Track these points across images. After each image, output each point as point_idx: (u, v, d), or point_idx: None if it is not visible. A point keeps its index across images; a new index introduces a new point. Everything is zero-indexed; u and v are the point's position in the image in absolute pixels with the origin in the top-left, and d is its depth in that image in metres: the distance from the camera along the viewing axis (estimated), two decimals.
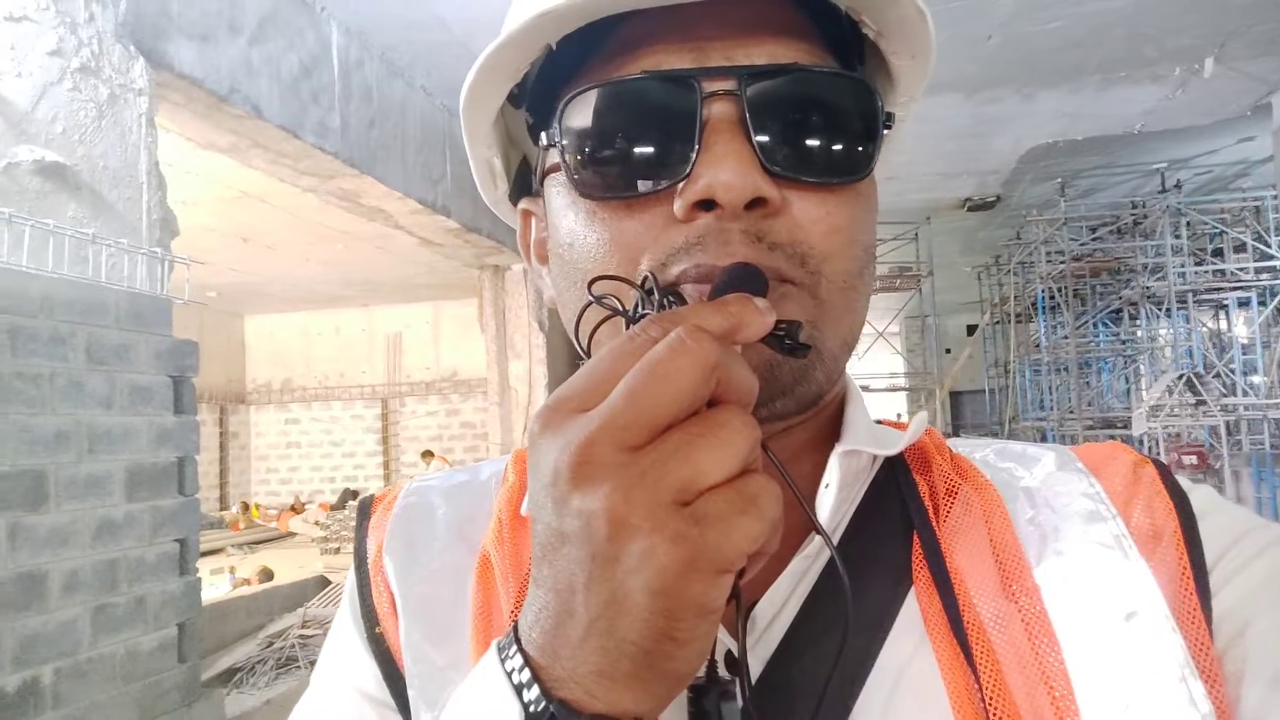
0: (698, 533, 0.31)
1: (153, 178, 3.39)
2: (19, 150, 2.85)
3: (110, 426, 3.05)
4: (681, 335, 0.33)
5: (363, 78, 5.10)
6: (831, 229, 0.47)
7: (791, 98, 0.46)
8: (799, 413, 0.50)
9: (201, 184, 6.90)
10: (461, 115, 0.54)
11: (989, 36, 5.39)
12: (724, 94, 0.45)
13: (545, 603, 0.34)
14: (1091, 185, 9.74)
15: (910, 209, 9.91)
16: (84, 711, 2.89)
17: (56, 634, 2.83)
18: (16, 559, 2.71)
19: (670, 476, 0.32)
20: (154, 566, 3.21)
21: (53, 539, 2.83)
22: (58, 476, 2.86)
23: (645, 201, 0.47)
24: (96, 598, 2.98)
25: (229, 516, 12.11)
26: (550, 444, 0.34)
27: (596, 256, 0.48)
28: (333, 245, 9.41)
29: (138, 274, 3.21)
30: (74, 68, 3.05)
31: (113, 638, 3.02)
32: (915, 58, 0.51)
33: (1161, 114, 6.91)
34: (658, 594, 0.31)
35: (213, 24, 3.84)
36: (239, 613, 6.29)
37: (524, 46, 0.48)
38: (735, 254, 0.45)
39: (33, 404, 2.78)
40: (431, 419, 13.59)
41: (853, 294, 0.50)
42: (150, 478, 3.21)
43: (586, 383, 0.35)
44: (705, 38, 0.47)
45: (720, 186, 0.44)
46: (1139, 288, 10.64)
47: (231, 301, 12.69)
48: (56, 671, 2.81)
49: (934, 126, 6.94)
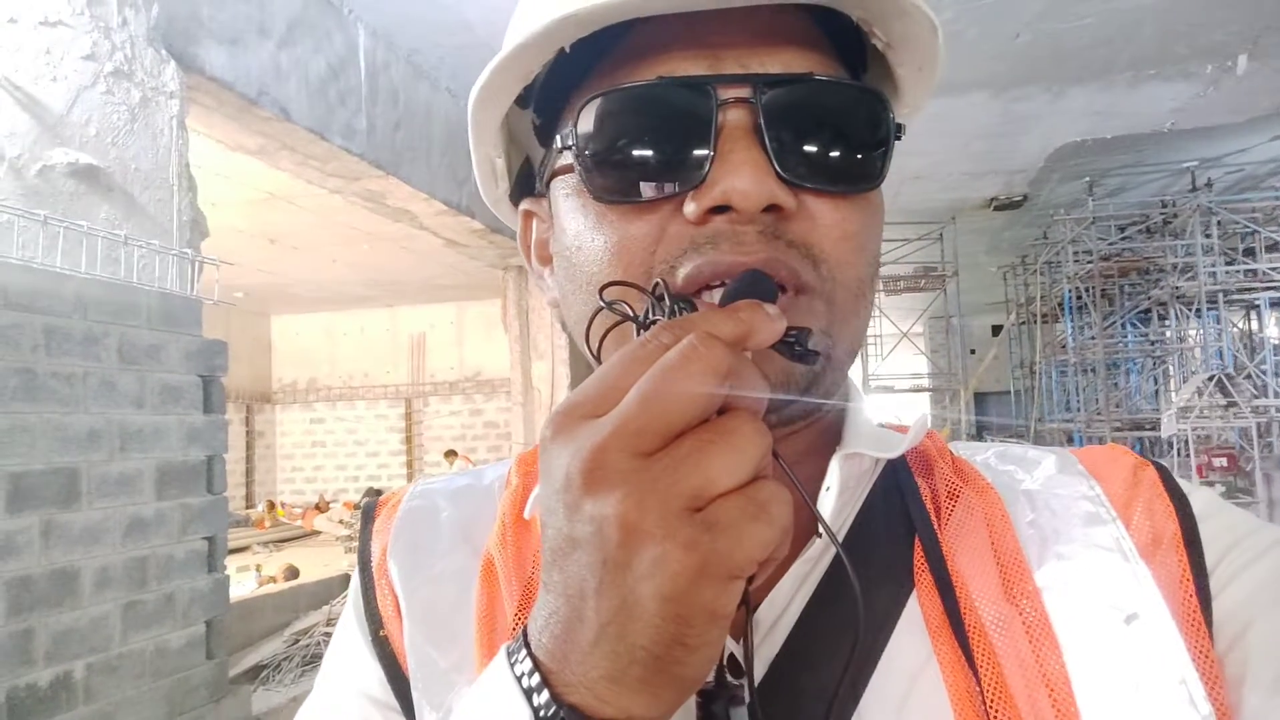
0: (709, 539, 0.31)
1: (183, 179, 3.42)
2: (54, 153, 2.89)
3: (141, 425, 3.09)
4: (694, 342, 0.33)
5: (389, 80, 5.13)
6: (844, 235, 0.48)
7: (806, 107, 0.47)
8: (805, 418, 0.51)
9: (230, 186, 6.97)
10: (470, 114, 0.55)
11: (1017, 35, 5.34)
12: (739, 101, 0.46)
13: (555, 607, 0.35)
14: (1120, 184, 9.62)
15: (936, 209, 9.84)
16: (114, 707, 2.93)
17: (88, 630, 2.87)
18: (50, 556, 2.75)
19: (682, 483, 0.32)
20: (183, 564, 3.25)
21: (85, 536, 2.87)
22: (90, 475, 2.90)
23: (656, 205, 0.48)
24: (127, 594, 3.01)
25: (254, 515, 12.22)
26: (562, 449, 0.34)
27: (604, 259, 0.49)
28: (358, 246, 9.47)
29: (169, 275, 3.25)
30: (107, 71, 3.09)
31: (143, 634, 3.06)
32: (922, 69, 0.52)
33: (1192, 111, 6.81)
34: (669, 600, 0.31)
35: (242, 27, 3.88)
36: (265, 610, 6.35)
37: (541, 49, 0.48)
38: (751, 251, 0.45)
39: (66, 403, 2.82)
40: (455, 419, 13.65)
41: (862, 300, 0.50)
42: (180, 476, 3.25)
43: (598, 389, 0.35)
44: (720, 45, 0.48)
45: (737, 193, 0.44)
46: (1168, 288, 10.51)
47: (258, 302, 12.82)
48: (88, 667, 2.85)
49: (961, 125, 6.88)
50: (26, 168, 2.81)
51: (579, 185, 0.50)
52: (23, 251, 2.71)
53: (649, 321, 0.42)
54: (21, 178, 2.79)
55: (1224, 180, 9.56)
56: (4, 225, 2.68)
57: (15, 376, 2.65)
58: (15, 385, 2.65)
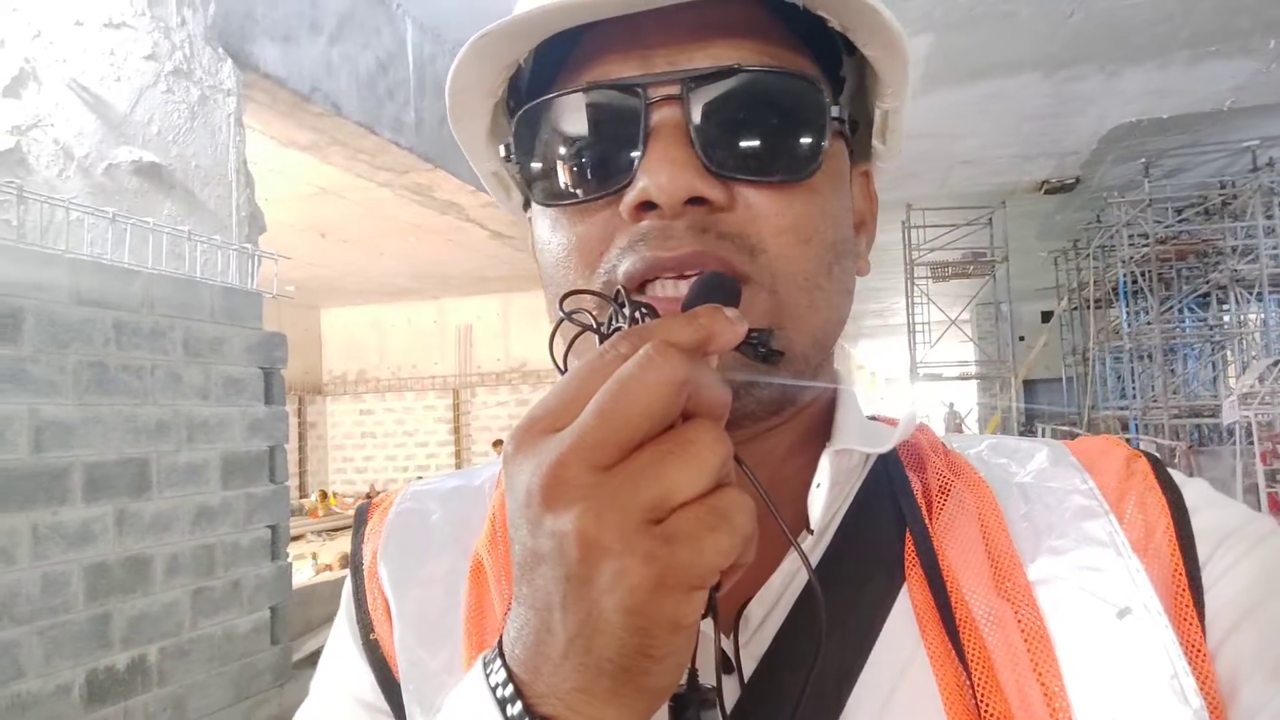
0: (668, 551, 0.31)
1: (241, 175, 3.50)
2: (119, 151, 2.97)
3: (207, 417, 3.17)
4: (650, 352, 0.33)
5: (435, 73, 5.18)
6: (784, 227, 0.48)
7: (731, 98, 0.47)
8: (773, 414, 0.51)
9: (282, 181, 7.09)
10: (452, 130, 0.56)
11: (1071, 13, 5.21)
12: (667, 99, 0.46)
13: (526, 620, 0.35)
14: (1177, 165, 9.35)
15: (984, 193, 9.66)
16: (185, 690, 3.02)
17: (160, 615, 2.95)
18: (124, 543, 2.84)
19: (641, 495, 0.31)
20: (248, 551, 3.33)
21: (155, 524, 2.96)
22: (159, 465, 2.98)
23: (599, 205, 0.48)
24: (195, 581, 3.10)
25: (308, 504, 12.46)
26: (523, 465, 0.34)
27: (560, 261, 0.50)
28: (405, 239, 9.58)
29: (229, 269, 3.32)
30: (167, 71, 3.17)
31: (211, 619, 3.15)
32: (891, 49, 0.50)
33: (1254, 89, 6.60)
34: (631, 613, 0.31)
35: (294, 25, 3.94)
36: (324, 597, 6.47)
37: (482, 66, 0.50)
38: (677, 245, 0.46)
39: (136, 395, 2.90)
40: (502, 409, 13.77)
41: (817, 293, 0.50)
42: (243, 466, 3.33)
43: (557, 402, 0.34)
44: (651, 45, 0.48)
45: (655, 188, 0.45)
46: (1228, 271, 10.21)
47: (308, 295, 13.03)
48: (161, 651, 2.94)
49: (1012, 106, 6.75)
50: (94, 166, 2.89)
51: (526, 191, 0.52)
52: (92, 248, 2.79)
53: (611, 330, 0.42)
54: (89, 176, 2.87)
55: None
56: (74, 223, 2.76)
57: (88, 370, 2.74)
58: (88, 379, 2.74)
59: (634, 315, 0.41)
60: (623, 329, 0.40)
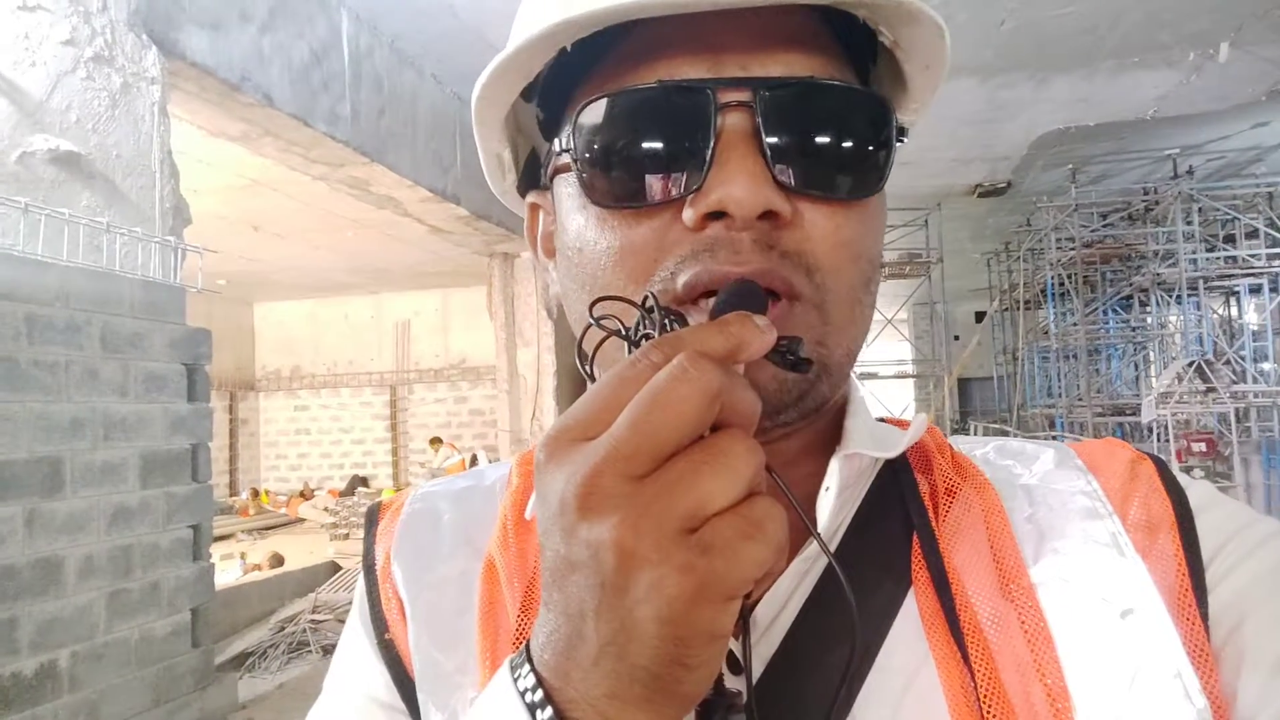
0: (705, 562, 0.31)
1: (165, 166, 3.40)
2: (34, 139, 2.86)
3: (125, 414, 3.07)
4: (684, 362, 0.33)
5: (372, 66, 5.09)
6: (839, 243, 0.47)
7: (807, 111, 0.46)
8: (803, 420, 0.51)
9: (212, 172, 6.91)
10: (473, 112, 0.54)
11: (1003, 21, 5.35)
12: (739, 105, 0.45)
13: (556, 625, 0.35)
14: (1103, 171, 9.67)
15: (921, 195, 9.87)
16: (99, 695, 2.93)
17: (73, 619, 2.86)
18: (34, 545, 2.74)
19: (676, 505, 0.32)
20: (168, 552, 3.24)
21: (69, 525, 2.86)
22: (74, 463, 2.89)
23: (656, 209, 0.47)
24: (111, 583, 3.01)
25: (239, 503, 12.18)
26: (556, 474, 0.34)
27: (606, 263, 0.49)
28: (342, 233, 9.42)
29: (151, 263, 3.23)
30: (87, 57, 3.06)
31: (127, 622, 3.05)
32: (929, 68, 0.51)
33: (1175, 99, 6.85)
34: (667, 623, 0.32)
35: (224, 12, 3.84)
36: (251, 598, 6.34)
37: (542, 50, 0.48)
38: (746, 261, 0.45)
39: (49, 392, 2.80)
40: (440, 406, 13.63)
41: (858, 307, 0.50)
42: (164, 464, 3.24)
43: (589, 410, 0.34)
44: (721, 47, 0.47)
45: (732, 201, 0.44)
46: (1150, 274, 10.59)
47: (241, 289, 12.72)
48: (73, 655, 2.84)
49: (948, 111, 6.90)
50: (6, 154, 2.78)
51: (579, 187, 0.50)
52: (3, 239, 2.69)
53: (640, 336, 0.42)
54: (1, 165, 2.76)
55: (1205, 168, 9.63)
56: None
57: None
58: None
59: (664, 323, 0.41)
60: (652, 336, 0.40)
